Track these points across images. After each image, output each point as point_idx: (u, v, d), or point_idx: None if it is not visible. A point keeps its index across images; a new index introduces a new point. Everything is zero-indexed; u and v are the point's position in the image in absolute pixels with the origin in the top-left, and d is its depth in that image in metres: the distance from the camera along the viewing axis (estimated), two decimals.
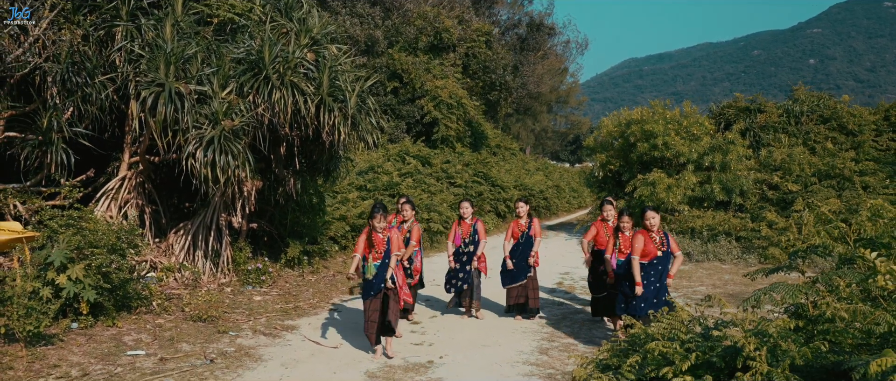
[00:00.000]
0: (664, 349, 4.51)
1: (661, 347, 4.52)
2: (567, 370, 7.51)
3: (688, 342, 4.67)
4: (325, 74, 10.97)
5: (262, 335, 8.98)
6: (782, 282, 4.42)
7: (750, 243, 16.29)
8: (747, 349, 3.81)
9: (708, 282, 13.33)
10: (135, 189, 11.48)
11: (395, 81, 28.75)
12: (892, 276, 4.11)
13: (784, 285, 4.37)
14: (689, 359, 4.29)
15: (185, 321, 9.29)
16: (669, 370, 4.19)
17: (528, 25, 44.31)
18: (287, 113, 10.69)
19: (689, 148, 19.25)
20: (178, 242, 11.68)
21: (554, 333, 9.37)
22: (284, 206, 13.38)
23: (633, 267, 8.09)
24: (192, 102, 10.05)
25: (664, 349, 4.50)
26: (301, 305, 10.86)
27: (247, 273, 11.92)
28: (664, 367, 4.27)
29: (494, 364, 7.79)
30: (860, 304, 4.19)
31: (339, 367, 7.65)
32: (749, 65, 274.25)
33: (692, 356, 4.29)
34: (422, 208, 19.10)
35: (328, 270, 14.08)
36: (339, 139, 11.15)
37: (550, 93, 54.46)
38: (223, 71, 10.42)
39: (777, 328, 4.16)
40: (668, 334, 4.93)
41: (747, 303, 4.56)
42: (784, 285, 4.39)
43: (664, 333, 4.94)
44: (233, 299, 10.79)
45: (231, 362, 7.72)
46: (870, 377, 2.78)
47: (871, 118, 22.44)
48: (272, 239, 13.69)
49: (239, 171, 10.40)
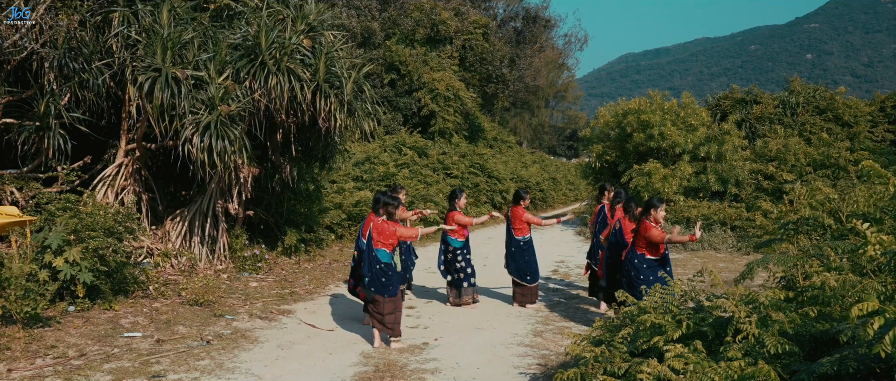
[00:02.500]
0: (657, 321, 4.56)
1: (653, 318, 4.57)
2: (561, 350, 7.56)
3: (680, 315, 4.72)
4: (322, 61, 11.00)
5: (258, 318, 9.02)
6: (774, 253, 4.47)
7: (745, 233, 16.35)
8: (738, 315, 3.86)
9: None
10: (131, 176, 11.51)
11: (392, 73, 28.77)
12: (881, 246, 4.16)
13: (776, 256, 4.42)
14: (680, 329, 4.34)
15: (182, 305, 9.33)
16: (661, 340, 4.24)
17: (524, 18, 44.31)
18: (283, 99, 10.72)
19: (684, 138, 19.28)
20: (175, 228, 11.71)
21: (549, 317, 9.43)
22: (281, 193, 13.41)
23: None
24: (188, 87, 10.07)
25: (656, 320, 4.55)
26: (297, 291, 10.90)
27: (243, 260, 11.96)
28: (655, 336, 4.32)
29: (489, 346, 7.83)
30: (850, 275, 4.24)
31: (335, 349, 7.70)
32: (746, 60, 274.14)
33: (683, 325, 4.34)
34: (418, 198, 19.14)
35: (324, 258, 14.13)
36: (336, 126, 11.18)
37: (548, 87, 54.47)
38: (220, 57, 10.45)
39: (767, 297, 4.21)
40: (661, 307, 4.98)
41: (741, 275, 4.61)
42: (775, 255, 4.44)
43: (657, 306, 4.99)
44: (229, 285, 10.83)
45: (227, 343, 7.76)
46: (850, 320, 2.83)
47: (867, 109, 22.52)
48: (268, 227, 13.72)
49: (235, 157, 10.43)
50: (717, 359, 3.90)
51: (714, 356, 4.07)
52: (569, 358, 6.05)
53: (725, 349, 3.84)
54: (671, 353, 3.94)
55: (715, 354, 4.12)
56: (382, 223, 7.85)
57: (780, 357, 3.64)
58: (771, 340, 3.56)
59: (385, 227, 7.81)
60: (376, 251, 7.75)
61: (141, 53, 10.15)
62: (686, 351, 3.93)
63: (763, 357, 3.66)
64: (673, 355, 3.90)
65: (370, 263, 7.74)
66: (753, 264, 4.54)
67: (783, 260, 4.35)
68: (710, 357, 4.01)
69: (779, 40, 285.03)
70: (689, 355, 3.91)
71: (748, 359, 3.68)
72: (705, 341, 4.35)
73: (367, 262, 7.77)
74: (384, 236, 7.79)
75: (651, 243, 8.12)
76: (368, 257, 7.77)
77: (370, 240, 7.81)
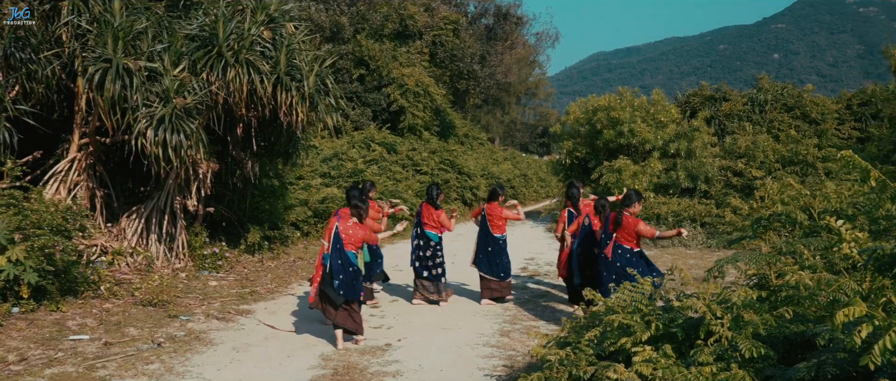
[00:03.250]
0: (625, 321, 4.32)
1: (621, 318, 4.33)
2: (528, 350, 7.32)
3: (649, 315, 4.49)
4: (283, 53, 10.65)
5: (214, 319, 8.67)
6: (745, 250, 4.25)
7: (715, 229, 16.28)
8: (708, 317, 3.62)
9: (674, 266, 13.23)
10: (85, 171, 11.07)
11: (361, 68, 28.38)
12: (856, 244, 3.95)
13: (747, 253, 4.20)
14: (649, 330, 4.11)
15: (135, 305, 8.94)
16: (628, 341, 4.00)
17: (496, 15, 44.02)
18: (242, 92, 10.35)
19: (654, 135, 19.19)
20: (131, 226, 11.29)
21: (516, 315, 9.18)
22: (243, 190, 13.03)
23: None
24: (142, 79, 9.67)
25: (625, 320, 4.32)
26: (258, 290, 10.55)
27: (203, 258, 11.57)
28: (623, 338, 4.08)
29: (454, 346, 7.57)
30: (824, 273, 4.03)
31: (294, 351, 7.38)
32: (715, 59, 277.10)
33: (652, 326, 4.11)
34: (386, 195, 18.82)
35: (289, 256, 13.77)
36: (297, 120, 10.83)
37: (519, 84, 54.27)
38: (175, 48, 10.05)
39: (740, 297, 3.99)
40: (628, 307, 4.74)
41: (710, 273, 4.38)
42: (747, 252, 4.22)
43: (625, 305, 4.76)
44: (187, 285, 10.44)
45: (180, 346, 7.41)
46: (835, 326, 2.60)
47: (834, 107, 22.60)
48: (231, 224, 13.34)
49: (192, 151, 10.04)
50: (687, 363, 3.67)
51: (684, 359, 3.84)
52: (535, 360, 5.80)
53: (696, 353, 3.60)
54: (639, 357, 3.71)
55: (685, 357, 3.89)
56: (354, 226, 7.56)
57: (753, 361, 3.42)
58: (745, 343, 3.33)
59: (357, 229, 7.53)
60: (348, 253, 7.47)
61: (91, 44, 9.72)
62: (655, 355, 3.69)
63: (736, 361, 3.44)
64: (641, 359, 3.66)
65: (344, 265, 7.43)
66: (723, 261, 4.31)
67: (755, 258, 4.12)
68: (681, 361, 3.78)
69: (747, 40, 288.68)
70: (658, 358, 3.68)
71: (720, 364, 3.45)
72: (675, 343, 4.12)
73: (342, 264, 7.44)
74: (355, 239, 7.52)
75: (638, 236, 8.02)
76: (342, 259, 7.45)
77: (340, 241, 7.48)
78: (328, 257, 7.45)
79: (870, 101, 22.66)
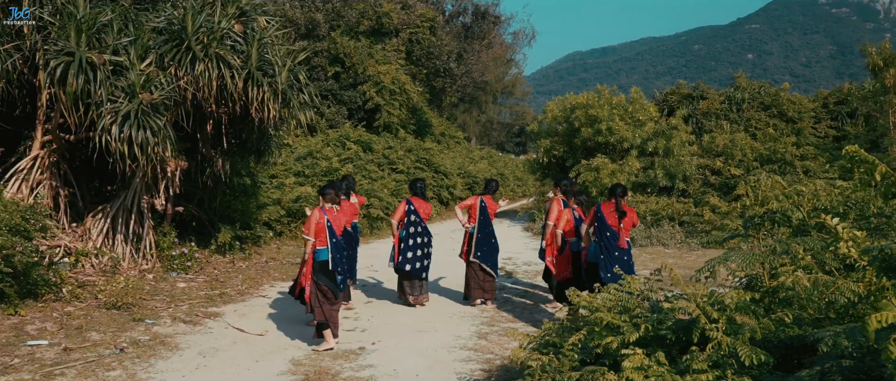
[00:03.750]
0: (613, 321, 4.10)
1: (608, 317, 4.11)
2: (506, 354, 7.09)
3: (636, 317, 4.27)
4: (254, 47, 10.33)
5: (181, 322, 8.33)
6: (737, 250, 4.04)
7: (693, 228, 16.18)
8: (704, 321, 3.40)
9: (652, 266, 13.08)
10: (48, 169, 10.66)
11: (336, 65, 28.01)
12: (855, 243, 3.74)
13: (740, 253, 3.99)
14: (637, 331, 3.88)
15: (98, 308, 8.58)
16: (615, 341, 3.77)
17: (474, 13, 43.80)
18: (212, 87, 10.00)
19: (632, 133, 19.07)
20: (96, 226, 10.91)
21: (495, 317, 8.94)
22: (214, 188, 12.67)
23: None
24: (106, 73, 9.31)
25: (613, 320, 4.09)
26: (228, 292, 10.21)
27: (171, 259, 11.20)
28: (610, 336, 3.85)
29: (430, 350, 7.31)
30: (820, 274, 3.83)
31: (263, 355, 7.08)
32: (690, 59, 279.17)
33: (641, 328, 3.88)
34: (362, 193, 18.52)
35: (261, 256, 13.44)
36: (269, 116, 10.50)
37: (496, 83, 54.09)
38: (142, 41, 9.70)
39: (733, 299, 3.77)
40: (615, 306, 4.52)
41: (700, 273, 4.16)
42: (739, 252, 4.01)
43: (611, 304, 4.53)
44: (154, 286, 10.08)
45: (143, 351, 7.08)
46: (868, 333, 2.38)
47: (810, 106, 22.66)
48: (202, 224, 12.98)
49: (159, 149, 9.69)
50: (680, 370, 3.44)
51: (675, 365, 3.61)
52: (514, 364, 5.57)
53: (690, 359, 3.37)
54: (630, 362, 3.47)
55: (676, 362, 3.67)
56: (338, 214, 7.49)
57: (751, 368, 3.21)
58: (744, 349, 3.11)
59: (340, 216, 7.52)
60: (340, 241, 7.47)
61: (54, 36, 9.33)
62: (647, 361, 3.46)
63: (732, 368, 3.22)
64: (632, 366, 3.42)
65: (342, 256, 7.44)
66: (715, 261, 4.09)
67: (748, 258, 3.91)
68: (672, 367, 3.55)
69: (721, 40, 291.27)
70: (650, 365, 3.44)
71: (716, 371, 3.23)
72: (664, 346, 3.90)
73: (340, 257, 7.40)
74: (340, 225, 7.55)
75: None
76: (339, 252, 7.38)
77: (335, 234, 7.31)
78: (323, 253, 7.22)
79: (846, 99, 22.74)
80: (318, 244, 7.23)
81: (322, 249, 7.24)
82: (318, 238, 7.21)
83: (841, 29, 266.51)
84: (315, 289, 7.21)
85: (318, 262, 7.23)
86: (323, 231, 7.21)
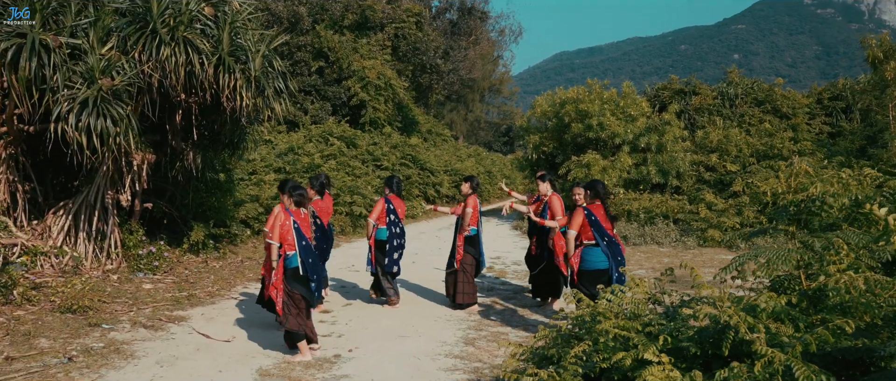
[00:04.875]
0: (621, 332, 3.46)
1: (616, 327, 3.47)
2: (496, 362, 6.45)
3: (649, 324, 3.64)
4: (226, 31, 9.63)
5: (142, 327, 7.64)
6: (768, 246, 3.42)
7: (688, 226, 15.60)
8: (742, 330, 2.77)
9: (647, 265, 12.50)
10: (5, 163, 9.92)
11: (320, 60, 27.32)
12: None
13: (772, 250, 3.36)
14: (654, 343, 3.25)
15: (52, 312, 7.87)
16: (628, 357, 3.14)
17: (460, 10, 43.15)
18: (180, 74, 9.29)
19: (624, 129, 18.49)
20: (57, 223, 10.19)
21: (482, 321, 8.28)
22: (186, 184, 11.95)
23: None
24: (63, 56, 8.60)
25: (621, 331, 3.45)
26: (197, 293, 9.52)
27: (138, 258, 10.49)
28: (620, 352, 3.22)
29: (412, 357, 6.66)
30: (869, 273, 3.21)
31: (227, 364, 6.40)
32: (677, 59, 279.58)
33: (659, 340, 3.25)
34: (345, 190, 17.84)
35: (236, 255, 12.75)
36: (242, 105, 9.80)
37: (483, 80, 53.50)
38: (103, 23, 8.98)
39: (767, 303, 3.14)
40: (622, 311, 3.89)
41: (725, 272, 3.53)
42: (771, 248, 3.38)
43: (618, 310, 3.90)
44: (117, 288, 9.37)
45: (94, 360, 6.39)
46: None
47: (805, 101, 22.16)
48: (174, 222, 12.26)
49: (122, 139, 8.97)
50: None
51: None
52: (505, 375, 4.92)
53: (730, 377, 2.74)
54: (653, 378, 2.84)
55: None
56: (305, 216, 6.79)
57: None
58: (801, 368, 2.49)
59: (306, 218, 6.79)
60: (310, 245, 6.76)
61: (6, 16, 8.61)
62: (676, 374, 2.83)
63: None
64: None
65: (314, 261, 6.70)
66: (743, 257, 3.46)
67: (783, 254, 3.29)
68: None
69: (707, 41, 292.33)
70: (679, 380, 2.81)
71: None
72: (685, 361, 3.27)
73: (312, 262, 6.66)
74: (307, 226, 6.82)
75: None
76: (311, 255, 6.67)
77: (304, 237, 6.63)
78: (293, 259, 6.53)
79: (841, 95, 22.26)
80: (287, 249, 6.54)
81: (292, 254, 6.55)
82: (286, 242, 6.53)
83: (826, 29, 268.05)
84: (288, 299, 6.52)
85: (290, 269, 6.55)
86: (289, 234, 6.52)
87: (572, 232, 7.21)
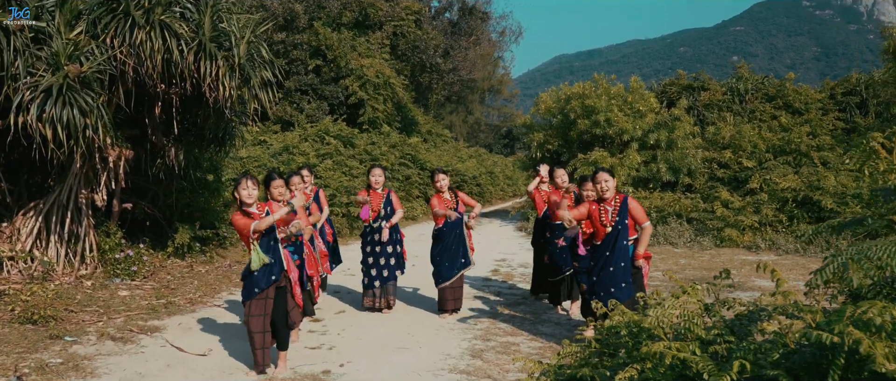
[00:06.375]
0: (679, 354, 2.66)
1: (673, 350, 2.67)
2: (509, 377, 5.63)
3: (712, 342, 2.84)
4: (207, 15, 8.83)
5: (110, 339, 6.82)
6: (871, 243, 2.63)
7: (703, 225, 14.78)
8: (879, 357, 1.98)
9: (662, 267, 11.68)
10: None
11: (317, 58, 26.53)
12: None
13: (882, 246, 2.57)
14: (727, 372, 2.44)
15: (10, 323, 7.07)
16: None
17: (461, 9, 42.39)
18: (156, 61, 8.49)
19: (633, 125, 17.71)
20: (26, 225, 9.39)
21: (490, 330, 7.45)
22: (169, 183, 11.15)
23: None
24: (25, 40, 7.80)
25: (680, 353, 2.65)
26: (177, 300, 8.70)
27: (115, 263, 9.70)
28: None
29: (412, 373, 5.83)
30: None
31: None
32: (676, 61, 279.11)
33: (733, 365, 2.45)
34: (341, 191, 17.05)
35: (225, 259, 11.96)
36: (225, 95, 9.00)
37: (483, 81, 52.77)
38: (70, 5, 8.18)
39: (880, 316, 2.35)
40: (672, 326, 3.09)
41: (819, 276, 2.73)
42: (881, 244, 2.59)
43: (666, 324, 3.10)
44: (90, 295, 8.57)
45: (48, 378, 5.57)
46: None
47: (817, 96, 21.39)
48: (157, 223, 11.46)
49: (92, 132, 8.17)
50: None
51: None
52: None
53: None
54: None
55: None
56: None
57: None
58: None
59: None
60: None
61: None
62: None
63: None
64: None
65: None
66: (843, 256, 2.66)
67: None
68: None
69: (706, 43, 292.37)
70: None
71: None
72: None
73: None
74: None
75: None
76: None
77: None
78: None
79: (854, 90, 21.47)
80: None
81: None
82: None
83: (825, 31, 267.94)
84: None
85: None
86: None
87: (648, 224, 6.44)
